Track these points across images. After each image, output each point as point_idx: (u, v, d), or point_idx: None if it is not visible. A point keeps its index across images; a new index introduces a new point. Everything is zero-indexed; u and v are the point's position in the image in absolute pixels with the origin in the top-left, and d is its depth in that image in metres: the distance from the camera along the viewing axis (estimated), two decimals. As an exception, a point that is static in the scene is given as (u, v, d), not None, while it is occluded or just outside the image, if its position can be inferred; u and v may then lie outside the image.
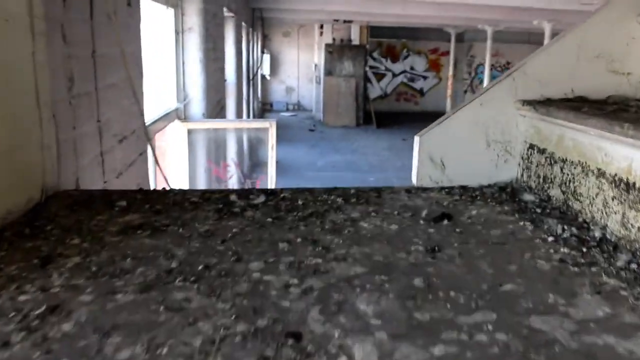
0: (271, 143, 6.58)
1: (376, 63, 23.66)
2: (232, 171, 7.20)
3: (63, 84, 2.28)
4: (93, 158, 2.68)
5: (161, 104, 5.54)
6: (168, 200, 2.09)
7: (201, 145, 6.65)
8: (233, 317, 1.25)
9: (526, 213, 2.02)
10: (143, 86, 3.62)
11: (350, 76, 20.07)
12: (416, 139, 2.29)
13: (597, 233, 1.78)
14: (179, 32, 6.08)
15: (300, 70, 23.57)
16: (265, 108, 22.85)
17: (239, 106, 10.89)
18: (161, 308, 1.28)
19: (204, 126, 6.45)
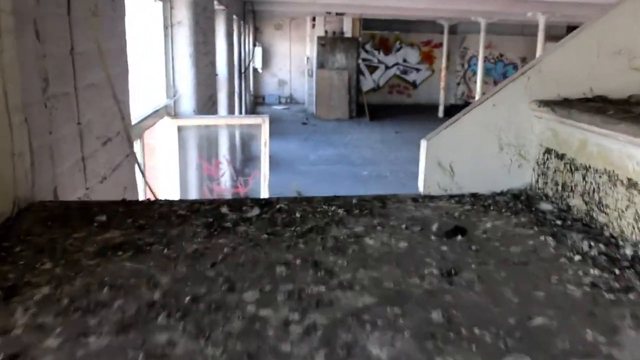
0: (264, 139, 6.38)
1: (369, 55, 23.45)
2: (224, 168, 7.01)
3: (37, 85, 2.08)
4: (73, 164, 2.48)
5: (150, 101, 5.33)
6: (153, 213, 1.90)
7: (192, 142, 6.45)
8: (225, 366, 1.07)
9: (546, 225, 1.85)
10: (129, 83, 3.42)
11: (342, 69, 19.87)
12: (423, 143, 2.11)
13: (629, 251, 1.61)
14: (168, 26, 5.86)
15: (292, 63, 23.34)
16: (257, 101, 22.61)
17: (231, 100, 10.67)
18: (140, 355, 1.09)
19: (195, 123, 6.25)
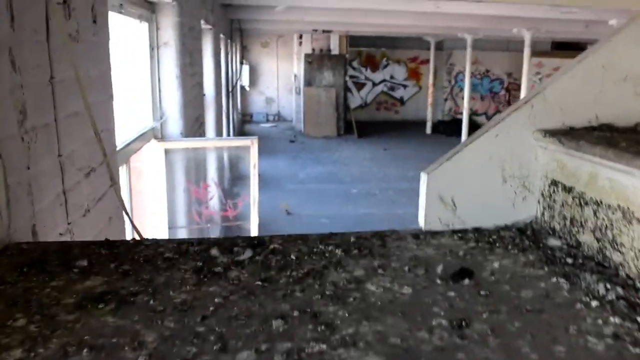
0: (253, 162, 6.26)
1: (356, 72, 23.46)
2: (213, 192, 6.87)
3: (13, 118, 1.95)
4: (54, 199, 2.35)
5: (137, 124, 5.21)
6: (138, 255, 1.77)
7: (179, 165, 6.31)
8: None
9: (556, 264, 1.75)
10: (113, 111, 3.30)
11: (330, 86, 19.85)
12: (423, 177, 2.01)
13: (649, 295, 1.51)
14: (154, 47, 5.75)
15: (279, 80, 23.29)
16: (245, 119, 22.50)
17: (219, 119, 10.55)
18: None
19: (182, 145, 6.12)
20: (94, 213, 2.89)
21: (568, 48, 22.51)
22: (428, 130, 21.52)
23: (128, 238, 3.49)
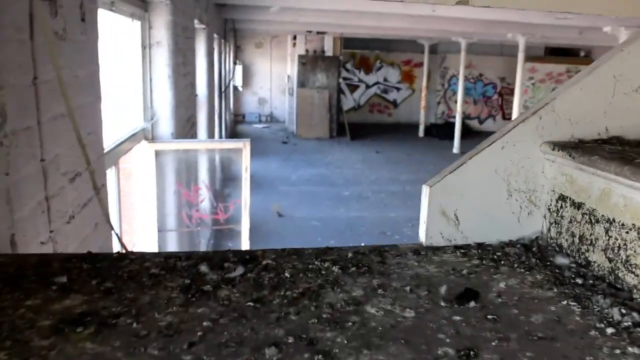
0: (245, 165, 6.15)
1: (349, 74, 23.39)
2: (204, 194, 6.75)
3: (-9, 122, 1.84)
4: (35, 206, 2.23)
5: (127, 124, 5.09)
6: (122, 271, 1.66)
7: (170, 167, 6.19)
8: None
9: (565, 285, 1.65)
10: (101, 112, 3.18)
11: (323, 88, 19.76)
12: (425, 190, 1.91)
13: (668, 322, 1.42)
14: (146, 47, 5.63)
15: (273, 81, 23.18)
16: (237, 120, 22.37)
17: (211, 120, 10.43)
18: None
19: (173, 147, 6.00)
20: (79, 219, 2.78)
21: (561, 54, 22.57)
22: (421, 133, 21.47)
23: (115, 245, 3.37)
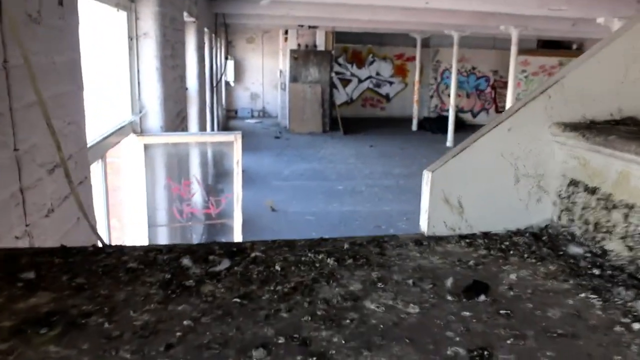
0: (236, 158, 6.00)
1: (342, 69, 23.23)
2: (195, 189, 6.59)
3: (-44, 107, 1.69)
4: (8, 198, 2.08)
5: (114, 117, 4.93)
6: (97, 266, 1.52)
7: (160, 161, 6.03)
8: None
9: (582, 277, 1.52)
10: (83, 101, 3.03)
11: (315, 82, 19.60)
12: (426, 175, 1.77)
13: (698, 315, 1.28)
14: (133, 38, 5.46)
15: (265, 76, 22.99)
16: (230, 115, 22.18)
17: (202, 114, 10.26)
18: None
19: (163, 140, 5.84)
20: (59, 213, 2.62)
21: (553, 46, 22.50)
22: (414, 127, 21.36)
23: (99, 241, 3.22)
